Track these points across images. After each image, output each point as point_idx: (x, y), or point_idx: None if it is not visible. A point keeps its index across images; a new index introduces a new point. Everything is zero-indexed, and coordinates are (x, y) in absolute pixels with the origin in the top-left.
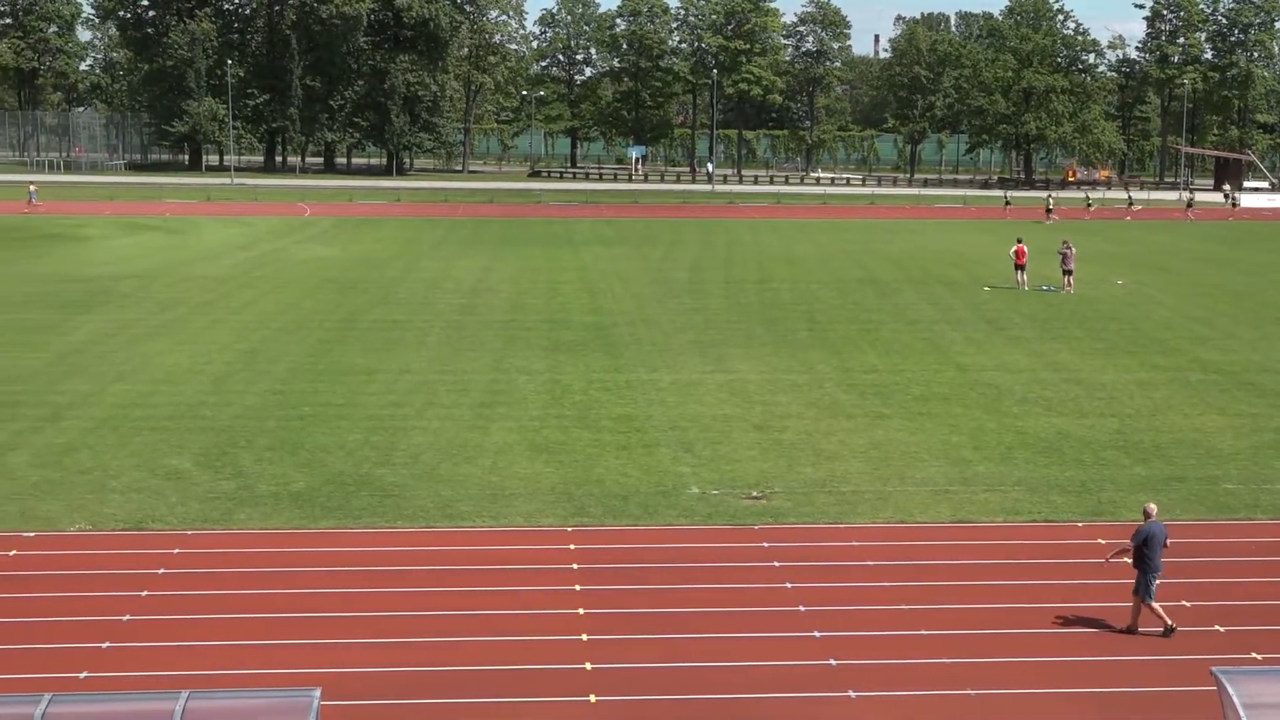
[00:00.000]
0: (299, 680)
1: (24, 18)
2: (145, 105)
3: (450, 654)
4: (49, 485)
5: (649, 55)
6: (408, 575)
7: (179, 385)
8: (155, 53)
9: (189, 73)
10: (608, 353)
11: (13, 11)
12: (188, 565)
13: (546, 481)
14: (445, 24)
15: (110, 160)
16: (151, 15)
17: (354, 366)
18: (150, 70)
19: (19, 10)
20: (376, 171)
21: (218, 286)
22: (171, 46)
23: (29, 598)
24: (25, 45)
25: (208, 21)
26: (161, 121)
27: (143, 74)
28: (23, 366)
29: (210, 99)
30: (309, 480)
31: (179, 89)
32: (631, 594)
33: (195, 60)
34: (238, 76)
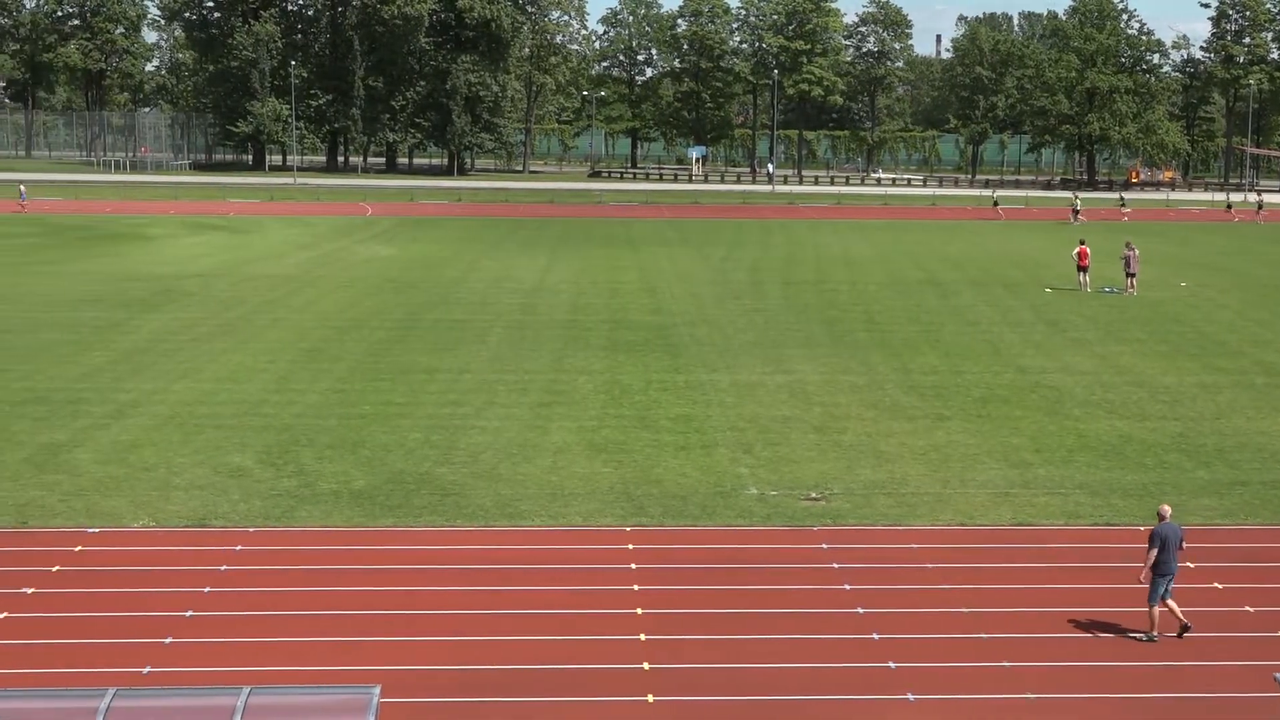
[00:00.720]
0: (359, 677)
1: (91, 19)
2: (210, 106)
3: (508, 653)
4: (114, 482)
5: (710, 55)
6: (467, 574)
7: (241, 383)
8: (220, 54)
9: (253, 73)
10: (667, 353)
11: (80, 13)
12: (250, 562)
13: (605, 481)
14: (507, 24)
15: (175, 160)
16: (216, 17)
17: (414, 365)
18: (215, 71)
19: (86, 12)
20: (438, 171)
21: (280, 286)
22: (236, 48)
23: (94, 593)
24: (93, 46)
25: (272, 23)
26: (226, 122)
27: (207, 75)
28: (89, 364)
29: (274, 100)
30: (369, 479)
31: (243, 90)
32: (689, 594)
33: (259, 61)
34: (301, 77)
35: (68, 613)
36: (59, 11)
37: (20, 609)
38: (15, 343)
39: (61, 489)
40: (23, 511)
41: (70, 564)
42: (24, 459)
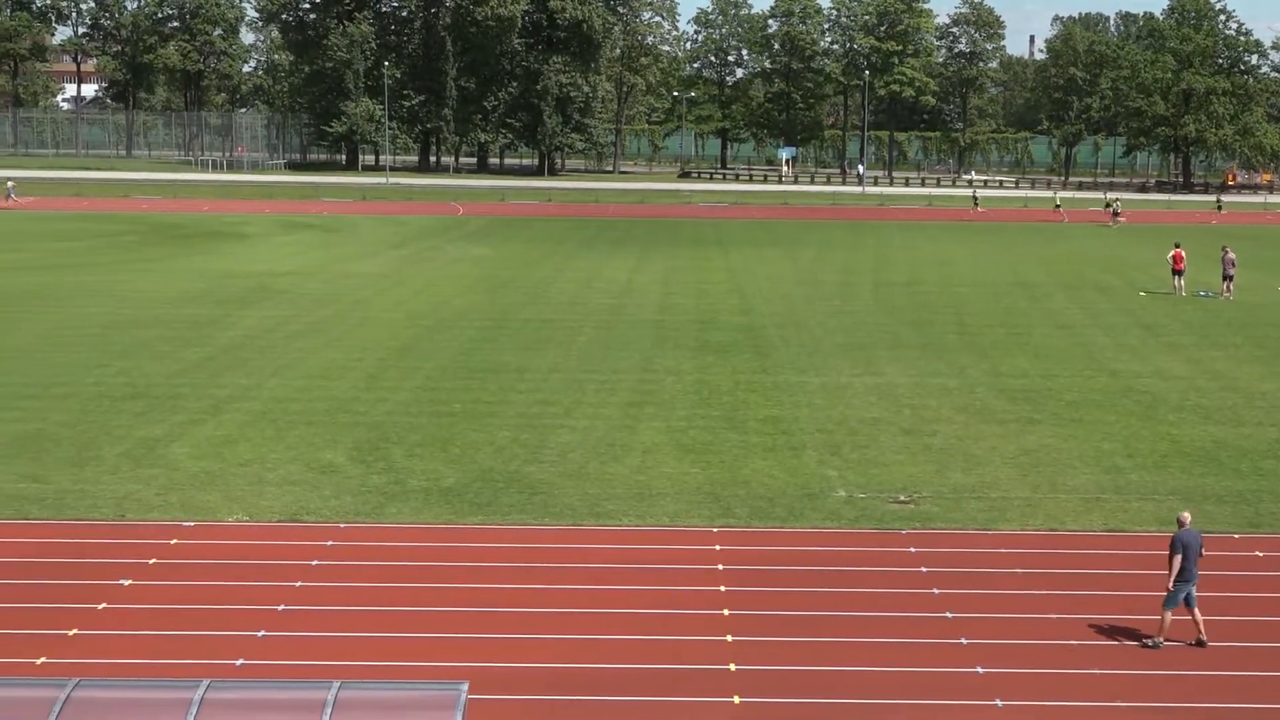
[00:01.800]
0: (447, 673)
1: (190, 21)
2: (305, 106)
3: (595, 651)
4: (209, 477)
5: (801, 56)
6: (554, 572)
7: (334, 380)
8: (315, 55)
9: (347, 74)
10: (756, 354)
11: (180, 15)
12: (340, 558)
13: (693, 482)
14: (598, 25)
15: (271, 160)
16: (313, 18)
17: (504, 364)
18: (310, 72)
19: (186, 14)
20: (528, 171)
21: (372, 284)
22: (331, 49)
23: (189, 585)
24: (192, 48)
25: (366, 24)
26: (320, 122)
27: (303, 76)
28: (186, 360)
29: (367, 100)
30: (459, 476)
31: (337, 90)
32: (776, 596)
33: (354, 62)
34: (394, 78)
35: (163, 604)
36: (159, 13)
37: (118, 600)
38: (116, 338)
39: (158, 483)
40: (121, 505)
41: (166, 557)
42: (122, 453)
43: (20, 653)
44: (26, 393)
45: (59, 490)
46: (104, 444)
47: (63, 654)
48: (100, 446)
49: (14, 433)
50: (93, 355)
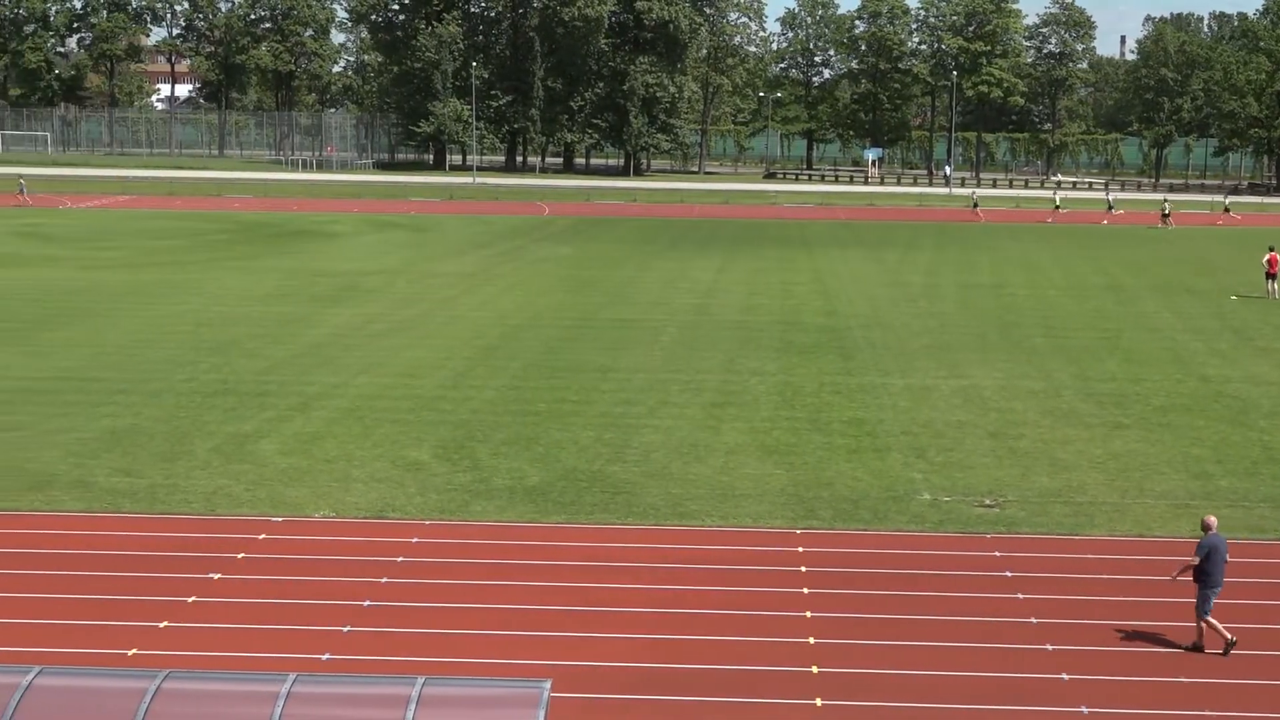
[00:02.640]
0: (529, 671)
1: (282, 22)
2: (393, 106)
3: (677, 651)
4: (297, 472)
5: (888, 57)
6: (637, 572)
7: (420, 379)
8: (404, 55)
9: (435, 75)
10: (840, 355)
11: (272, 17)
12: (425, 554)
13: (776, 483)
14: (685, 26)
15: (359, 159)
16: (402, 19)
17: (588, 364)
18: (399, 73)
19: (278, 15)
20: (614, 172)
21: (458, 284)
22: (420, 49)
23: (276, 580)
24: (283, 49)
25: (455, 25)
26: (408, 122)
27: (391, 76)
28: (275, 357)
29: (455, 100)
30: (543, 475)
31: (425, 90)
32: (860, 599)
33: (442, 62)
34: (481, 78)
35: (251, 598)
36: (252, 15)
37: (207, 593)
38: (208, 335)
39: (247, 478)
40: (211, 499)
41: (254, 551)
42: (213, 448)
43: (113, 644)
44: (120, 388)
45: (151, 484)
46: (195, 439)
47: (153, 646)
48: (191, 442)
49: (108, 428)
50: (184, 352)
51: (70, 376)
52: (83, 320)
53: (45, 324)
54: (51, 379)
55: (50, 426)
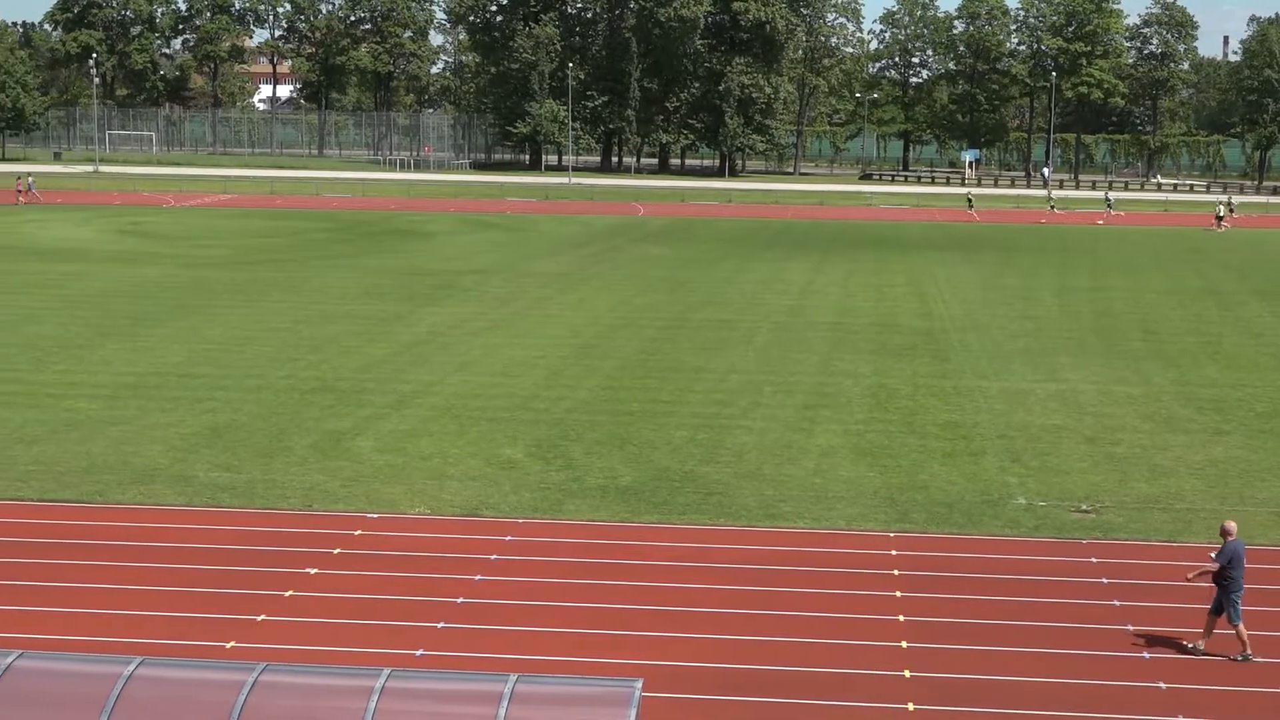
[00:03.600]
0: (620, 670)
1: (382, 23)
2: (490, 107)
3: (769, 653)
4: (392, 470)
5: (987, 58)
6: (729, 573)
7: (515, 378)
8: (501, 56)
9: (532, 75)
10: (935, 358)
11: (372, 18)
12: (518, 553)
13: (869, 486)
14: (781, 26)
15: (456, 160)
16: (499, 20)
17: (682, 364)
18: (496, 73)
19: (377, 17)
20: (709, 172)
21: (553, 283)
22: (517, 50)
23: (371, 576)
24: (382, 50)
25: (552, 25)
26: (505, 123)
27: (489, 77)
28: (372, 355)
29: (551, 101)
30: (636, 475)
31: (522, 91)
32: (953, 603)
33: (539, 63)
34: (578, 79)
35: (347, 593)
36: (352, 16)
37: (303, 588)
38: (307, 333)
39: (344, 475)
40: (308, 495)
41: (350, 547)
42: (310, 445)
43: (212, 636)
44: (221, 384)
45: (250, 480)
46: (293, 436)
47: (251, 639)
48: (289, 438)
49: (209, 423)
50: (284, 349)
51: (172, 372)
52: (185, 317)
53: (149, 320)
54: (154, 374)
55: (153, 421)
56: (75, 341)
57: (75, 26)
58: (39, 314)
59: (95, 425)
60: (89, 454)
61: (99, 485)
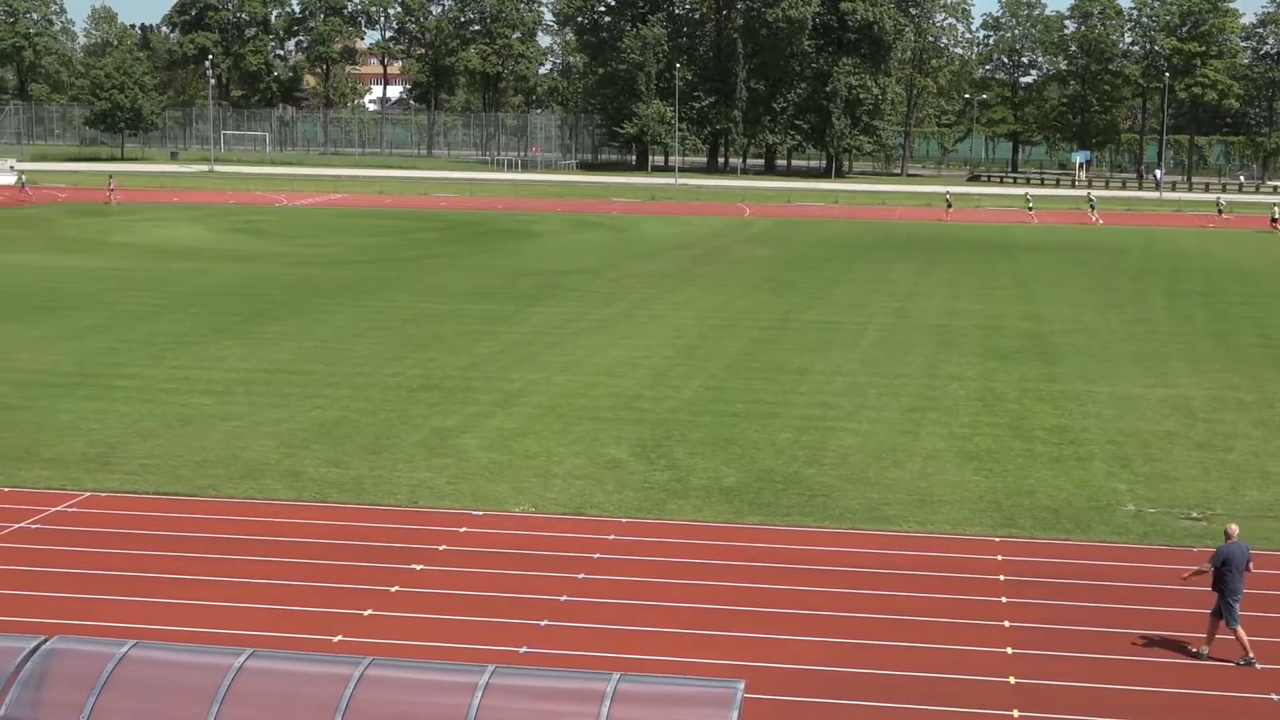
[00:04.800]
0: (721, 671)
1: (491, 25)
2: (597, 108)
3: (872, 656)
4: (497, 468)
5: (1099, 58)
6: (832, 575)
7: (619, 377)
8: (609, 57)
9: (639, 76)
10: (1043, 361)
11: (481, 19)
12: (622, 552)
13: (975, 490)
14: (889, 27)
15: (563, 160)
16: (607, 21)
17: (787, 366)
18: (603, 74)
19: (486, 18)
20: (815, 173)
21: (658, 284)
22: (624, 51)
23: (476, 573)
24: (491, 51)
25: (659, 26)
26: (612, 123)
27: (596, 78)
28: (479, 353)
29: (658, 102)
30: (739, 476)
31: (629, 92)
32: (1060, 610)
33: (646, 64)
34: (685, 79)
35: (452, 590)
36: (461, 17)
37: (409, 584)
38: (414, 331)
39: (449, 472)
40: (414, 492)
41: (455, 544)
42: (417, 442)
43: (320, 630)
44: (330, 381)
45: (358, 476)
46: (400, 433)
47: (358, 633)
48: (397, 435)
49: (318, 419)
50: (392, 347)
51: (283, 369)
52: (295, 314)
53: (260, 317)
54: (265, 371)
55: (264, 417)
56: (189, 338)
57: (192, 29)
58: (155, 311)
59: (208, 420)
60: (202, 449)
61: (211, 479)
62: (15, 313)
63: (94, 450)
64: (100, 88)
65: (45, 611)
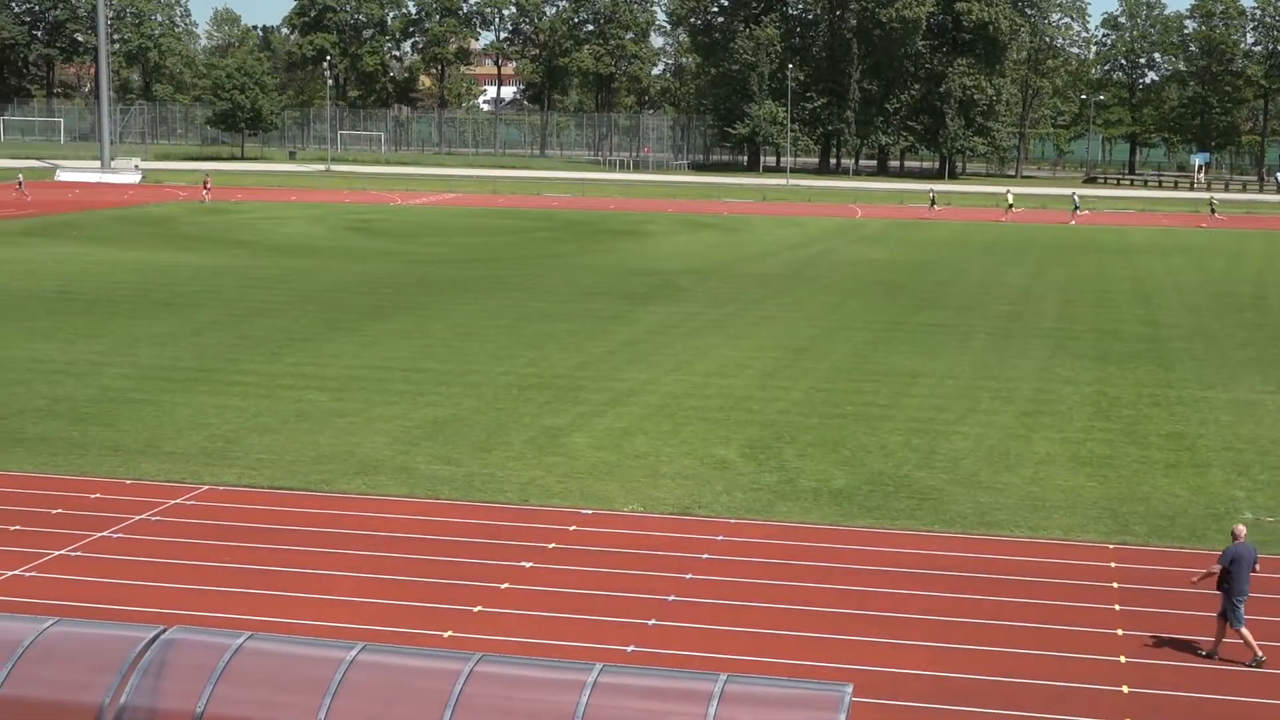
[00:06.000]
0: (828, 674)
1: (604, 25)
2: (709, 108)
3: (982, 662)
4: (606, 467)
5: (1220, 59)
6: (942, 580)
7: (729, 378)
8: (721, 58)
9: (752, 77)
10: (1160, 366)
11: (595, 20)
12: (729, 553)
13: (1089, 496)
14: (1005, 27)
15: (675, 160)
16: (720, 22)
17: (897, 368)
18: (716, 74)
19: (600, 19)
20: (928, 174)
21: (769, 284)
22: (737, 51)
23: (585, 571)
24: (604, 51)
25: (772, 27)
26: (724, 124)
27: (709, 78)
28: (590, 353)
29: (770, 102)
30: (849, 478)
31: (742, 92)
32: (1175, 618)
33: (759, 65)
34: (797, 80)
35: (561, 588)
36: (575, 18)
37: (519, 581)
38: (525, 330)
39: (559, 470)
40: (525, 490)
41: (564, 542)
42: (528, 440)
43: (431, 625)
44: (443, 379)
45: (468, 473)
46: (511, 431)
47: (467, 629)
48: (507, 433)
49: (430, 417)
50: (504, 345)
51: (396, 366)
52: (409, 312)
53: (376, 315)
54: (379, 368)
55: (377, 414)
56: (306, 335)
57: (311, 30)
58: (272, 307)
59: (323, 416)
60: (317, 444)
61: (326, 474)
62: (139, 309)
63: (212, 444)
64: (222, 88)
65: (164, 602)
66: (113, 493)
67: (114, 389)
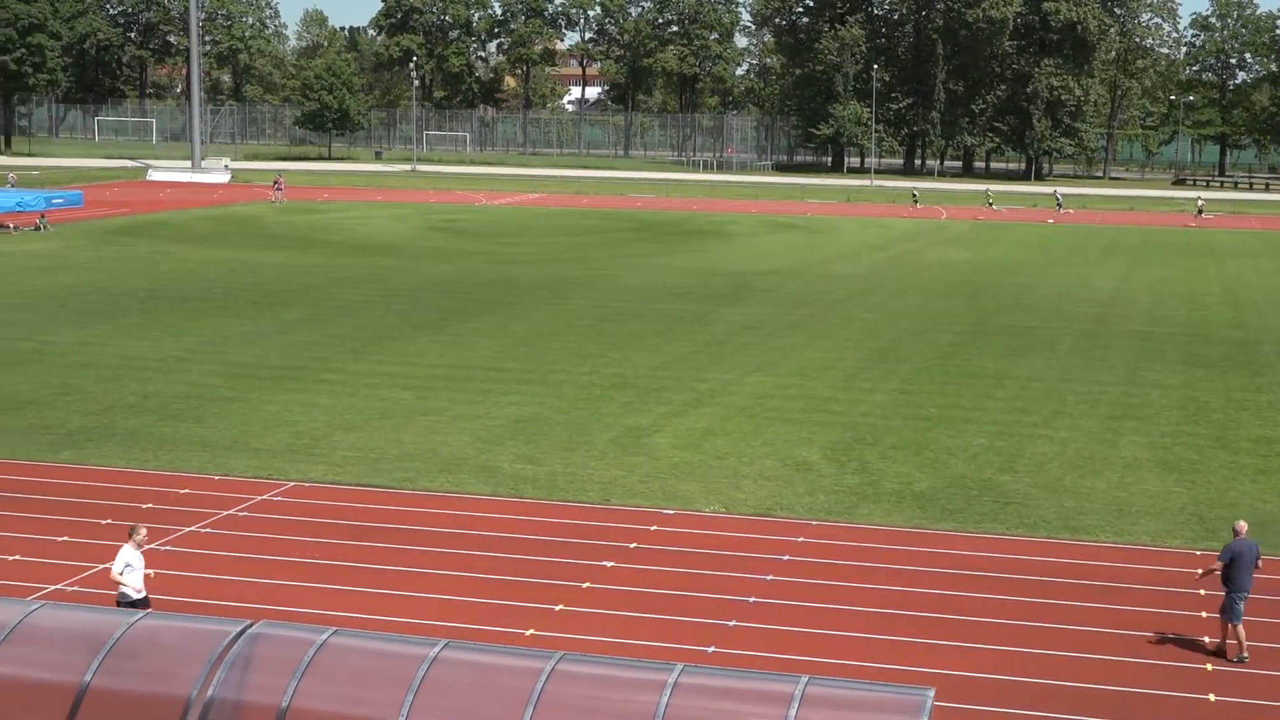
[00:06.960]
0: (908, 677)
1: (689, 26)
2: (794, 109)
3: (1065, 668)
4: (688, 467)
5: None
6: (1025, 584)
7: (811, 379)
8: (806, 58)
9: (836, 77)
10: (1250, 371)
11: (679, 20)
12: (811, 554)
13: (1176, 501)
14: (1093, 27)
15: (758, 161)
16: (805, 22)
17: (981, 370)
18: (800, 75)
19: (684, 19)
20: (1014, 175)
21: (852, 285)
22: (822, 52)
23: (666, 571)
24: (688, 52)
25: (857, 27)
26: (808, 124)
27: (793, 78)
28: (672, 353)
29: (855, 103)
30: (931, 481)
31: (826, 93)
32: (1264, 627)
33: (843, 65)
34: (882, 80)
35: (642, 587)
36: (660, 19)
37: (600, 580)
38: (608, 330)
39: (641, 470)
40: (607, 489)
41: (646, 542)
42: (610, 440)
43: (513, 623)
44: (526, 379)
45: (550, 472)
46: (593, 430)
47: (549, 627)
48: (590, 433)
49: (513, 416)
50: (586, 345)
51: (479, 365)
52: (493, 312)
53: (460, 314)
54: (463, 367)
55: (460, 412)
56: (390, 333)
57: (398, 31)
58: (357, 306)
59: (407, 414)
60: (401, 442)
61: (410, 472)
62: (228, 307)
63: (298, 441)
64: (310, 89)
65: (250, 597)
66: (201, 488)
67: (202, 386)
